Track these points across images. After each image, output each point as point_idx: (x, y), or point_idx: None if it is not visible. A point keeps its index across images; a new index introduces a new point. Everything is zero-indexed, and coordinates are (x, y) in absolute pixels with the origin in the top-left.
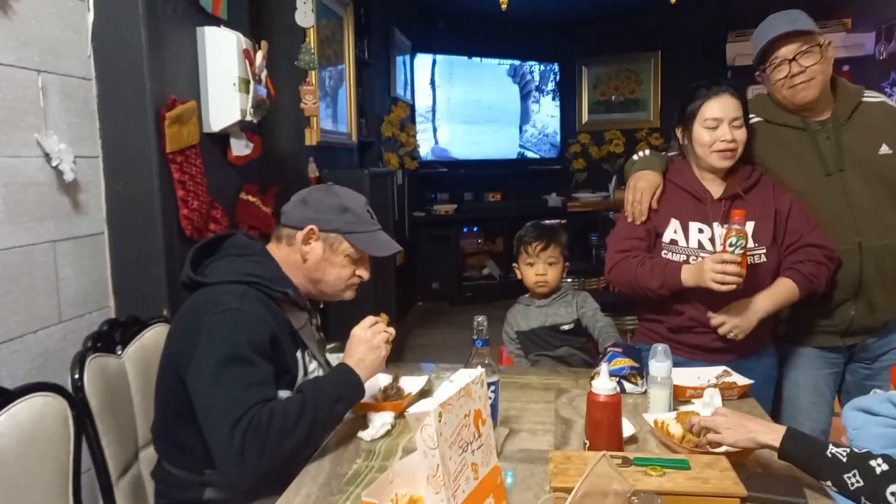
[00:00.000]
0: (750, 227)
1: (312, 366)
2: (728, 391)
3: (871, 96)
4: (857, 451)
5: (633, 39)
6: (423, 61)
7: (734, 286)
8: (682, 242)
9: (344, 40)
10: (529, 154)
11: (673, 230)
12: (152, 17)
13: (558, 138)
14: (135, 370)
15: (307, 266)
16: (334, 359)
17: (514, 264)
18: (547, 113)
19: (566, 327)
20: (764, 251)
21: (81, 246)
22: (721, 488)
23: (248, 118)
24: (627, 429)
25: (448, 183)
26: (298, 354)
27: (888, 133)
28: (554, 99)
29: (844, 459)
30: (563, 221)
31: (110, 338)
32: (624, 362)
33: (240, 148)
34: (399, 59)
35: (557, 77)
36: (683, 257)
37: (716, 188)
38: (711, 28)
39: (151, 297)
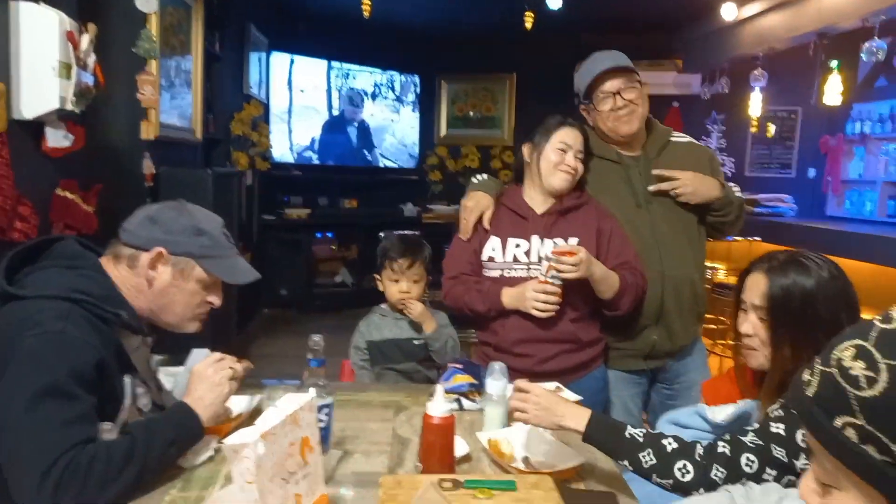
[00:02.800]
0: (573, 243)
1: (140, 390)
2: None
3: (678, 136)
4: (651, 431)
5: (491, 60)
6: (280, 60)
7: (552, 313)
8: (498, 258)
9: (192, 31)
10: (387, 163)
11: (492, 248)
12: None
13: (417, 149)
14: None
15: (152, 291)
16: (163, 374)
17: (377, 276)
18: (406, 123)
19: (418, 342)
20: None
21: None
22: None
23: (69, 107)
24: (462, 448)
25: (302, 187)
26: (126, 380)
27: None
28: (414, 110)
29: (641, 439)
30: (416, 232)
31: None
32: (463, 379)
33: (57, 139)
34: (254, 55)
35: (418, 89)
36: (499, 272)
37: (541, 207)
38: (562, 58)
39: None
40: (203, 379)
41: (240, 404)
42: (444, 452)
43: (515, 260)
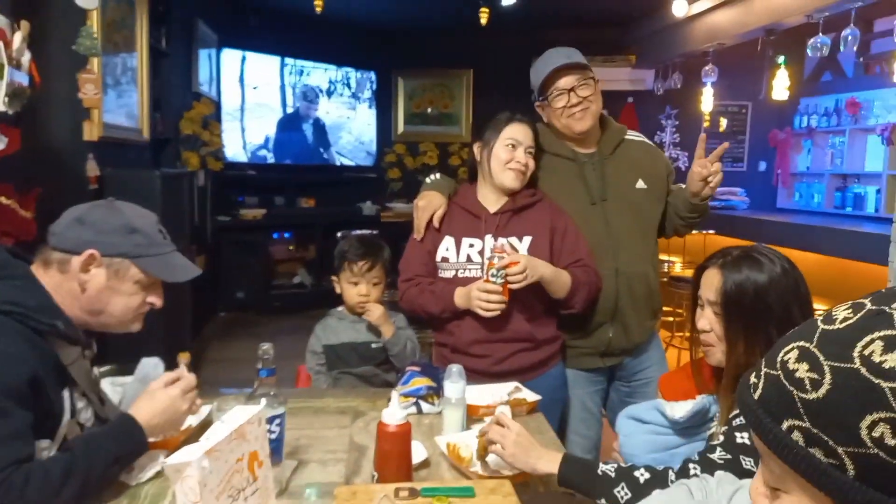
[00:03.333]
0: (527, 241)
1: (81, 404)
2: (518, 407)
3: (633, 135)
4: (622, 465)
5: (448, 56)
6: (231, 57)
7: (497, 312)
8: (452, 259)
9: (136, 26)
10: (345, 161)
11: (445, 248)
12: None
13: (374, 147)
14: None
15: (87, 296)
16: (107, 384)
17: (334, 277)
18: (363, 121)
19: (376, 345)
20: None
21: None
22: None
23: (2, 108)
24: (420, 453)
25: (257, 186)
26: (65, 394)
27: (644, 170)
28: (370, 107)
29: (613, 475)
30: (374, 232)
31: None
32: (421, 382)
33: None
34: (203, 52)
35: (374, 86)
36: (453, 272)
37: (494, 205)
38: (518, 54)
39: None
40: (164, 407)
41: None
42: (401, 460)
43: (469, 260)
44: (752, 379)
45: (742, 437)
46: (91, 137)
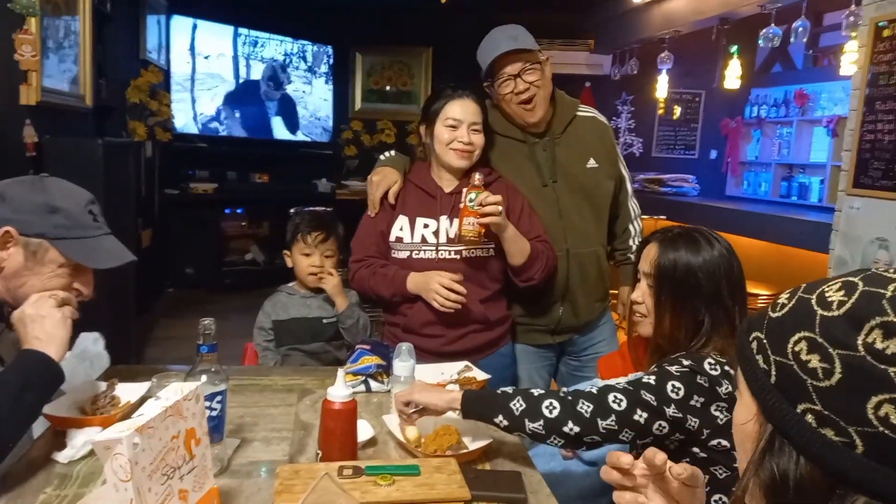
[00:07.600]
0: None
1: None
2: (467, 385)
3: (584, 110)
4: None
5: (408, 33)
6: (181, 24)
7: (451, 310)
8: (406, 238)
9: None
10: (300, 136)
11: (399, 227)
12: None
13: (331, 123)
14: None
15: (4, 275)
16: None
17: (286, 252)
18: (319, 96)
19: (327, 321)
20: (493, 246)
21: None
22: (447, 493)
23: None
24: (367, 431)
25: (209, 160)
26: None
27: (595, 148)
28: (327, 82)
29: (510, 391)
30: (329, 209)
31: None
32: (371, 360)
33: None
34: (151, 18)
35: (331, 60)
36: (406, 253)
37: (449, 185)
38: (477, 32)
39: None
40: (26, 321)
41: (128, 392)
42: (346, 438)
43: (423, 241)
44: (763, 365)
45: (648, 378)
46: (28, 101)
